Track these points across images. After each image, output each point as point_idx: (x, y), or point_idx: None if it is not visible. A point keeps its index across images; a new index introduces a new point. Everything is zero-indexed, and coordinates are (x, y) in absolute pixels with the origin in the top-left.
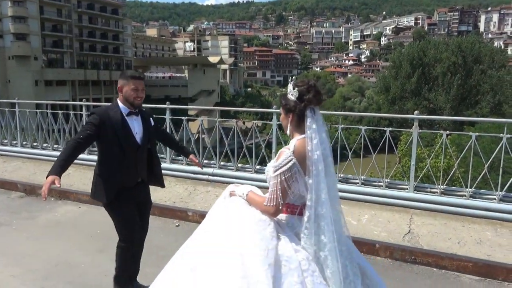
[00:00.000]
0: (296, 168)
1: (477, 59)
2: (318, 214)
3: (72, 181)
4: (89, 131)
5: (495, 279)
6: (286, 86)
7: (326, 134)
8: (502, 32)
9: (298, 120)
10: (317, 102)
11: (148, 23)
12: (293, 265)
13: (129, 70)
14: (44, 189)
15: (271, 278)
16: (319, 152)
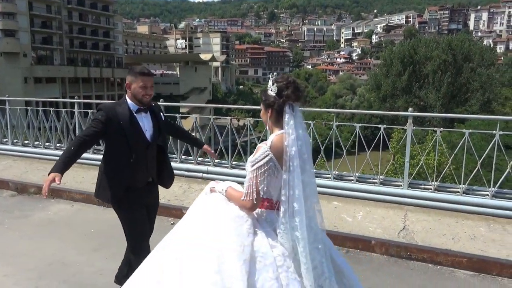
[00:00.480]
0: (273, 163)
1: (467, 57)
2: (293, 210)
3: (64, 180)
4: (95, 128)
5: (489, 274)
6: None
7: (304, 131)
8: (491, 30)
9: (277, 115)
10: (296, 98)
11: (139, 20)
12: (268, 261)
13: (138, 66)
14: (44, 187)
15: (245, 274)
16: (295, 148)
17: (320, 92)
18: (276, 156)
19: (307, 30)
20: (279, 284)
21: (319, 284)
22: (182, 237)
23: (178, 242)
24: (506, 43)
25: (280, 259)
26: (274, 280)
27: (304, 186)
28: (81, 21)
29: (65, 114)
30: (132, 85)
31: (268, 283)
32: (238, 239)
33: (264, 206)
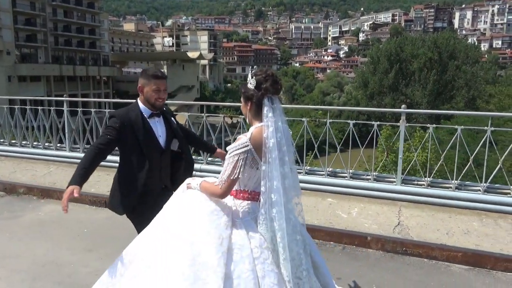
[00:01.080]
0: (251, 154)
1: (452, 55)
2: (271, 201)
3: (54, 179)
4: (110, 136)
5: (483, 267)
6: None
7: (284, 123)
8: (475, 29)
9: (256, 108)
10: (274, 91)
11: (125, 17)
12: (245, 252)
13: (150, 69)
14: (63, 200)
15: (223, 266)
16: (273, 140)
17: (308, 90)
18: (255, 147)
19: (294, 28)
20: (255, 275)
21: (297, 275)
22: (158, 233)
23: (154, 238)
24: (489, 41)
25: (257, 251)
26: (250, 272)
27: (283, 178)
28: (66, 18)
29: (54, 113)
30: (145, 88)
31: (244, 274)
32: (215, 232)
33: (245, 197)
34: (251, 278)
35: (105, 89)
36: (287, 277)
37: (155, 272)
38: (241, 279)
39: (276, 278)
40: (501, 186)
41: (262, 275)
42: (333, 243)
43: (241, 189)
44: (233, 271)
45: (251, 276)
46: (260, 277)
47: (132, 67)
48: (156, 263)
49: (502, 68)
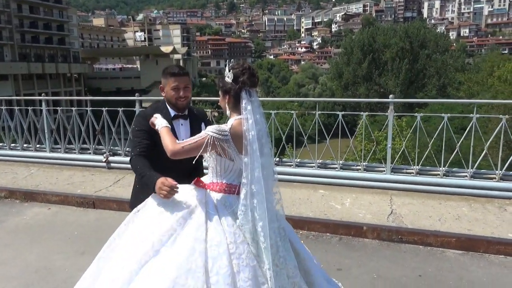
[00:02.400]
0: (227, 144)
1: (422, 44)
2: (252, 192)
3: (37, 182)
4: (144, 140)
5: (476, 251)
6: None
7: (261, 115)
8: (443, 18)
9: (234, 101)
10: (252, 84)
11: (94, 12)
12: (222, 248)
13: (169, 66)
14: (170, 191)
15: (202, 267)
16: (253, 132)
17: (283, 82)
18: (235, 139)
19: (267, 20)
20: (232, 271)
21: (275, 263)
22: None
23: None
24: (457, 30)
25: (232, 247)
26: (228, 267)
27: (263, 169)
28: (32, 14)
29: (32, 113)
30: (165, 88)
31: (222, 270)
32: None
33: (221, 190)
34: (228, 274)
35: (77, 86)
36: (268, 265)
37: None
38: (220, 275)
39: (251, 273)
40: (487, 172)
41: (237, 270)
42: (329, 235)
43: (218, 181)
44: (211, 268)
45: (228, 271)
46: (235, 272)
47: (103, 63)
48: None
49: (470, 56)
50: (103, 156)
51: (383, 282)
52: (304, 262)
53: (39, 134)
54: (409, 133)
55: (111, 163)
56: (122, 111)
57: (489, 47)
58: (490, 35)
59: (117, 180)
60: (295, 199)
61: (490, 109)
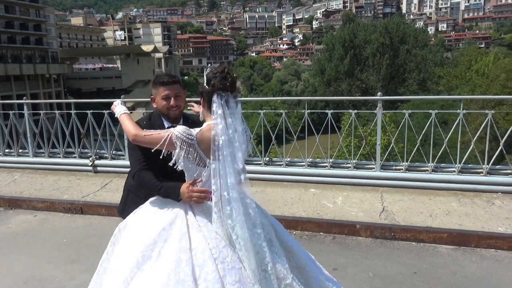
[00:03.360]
0: (193, 150)
1: (402, 40)
2: (225, 199)
3: (21, 188)
4: (142, 153)
5: (468, 246)
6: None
7: (236, 119)
8: (422, 13)
9: (208, 104)
10: (223, 88)
11: (72, 11)
12: (207, 254)
13: (159, 74)
14: (202, 195)
15: (191, 276)
16: (224, 137)
17: (266, 79)
18: (201, 144)
19: (248, 17)
20: (219, 275)
21: (262, 268)
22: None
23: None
24: (435, 25)
25: (215, 251)
26: (215, 272)
27: (237, 174)
28: (7, 14)
29: (13, 117)
30: (156, 98)
31: (210, 276)
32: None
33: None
34: (216, 279)
35: (56, 87)
36: (253, 272)
37: None
38: (208, 281)
39: (237, 275)
40: (474, 166)
41: (223, 275)
42: (323, 234)
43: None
44: (199, 275)
45: (216, 276)
46: (222, 277)
47: (83, 63)
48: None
49: (448, 51)
50: (89, 160)
51: (379, 280)
52: (297, 259)
53: (22, 139)
54: (397, 129)
55: (97, 167)
56: (108, 113)
57: (466, 41)
58: (467, 30)
59: (105, 184)
60: (287, 198)
61: (469, 102)
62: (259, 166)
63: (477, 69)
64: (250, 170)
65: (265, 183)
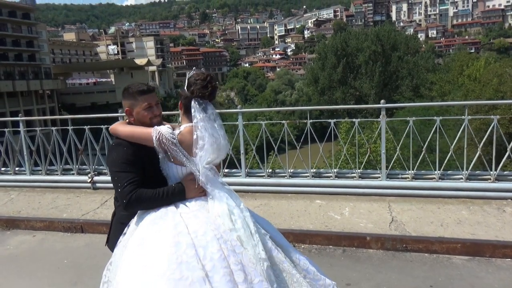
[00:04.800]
0: (174, 147)
1: (394, 47)
2: (210, 191)
3: (18, 207)
4: (137, 171)
5: (483, 256)
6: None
7: (212, 123)
8: (411, 20)
9: (185, 108)
10: (202, 94)
11: (64, 27)
12: (209, 236)
13: (131, 85)
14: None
15: (195, 256)
16: (202, 142)
17: (260, 90)
18: (183, 144)
19: (240, 29)
20: (224, 254)
21: (262, 249)
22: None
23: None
24: (425, 31)
25: (217, 233)
26: (220, 251)
27: (216, 174)
28: None
29: (8, 134)
30: (135, 110)
31: (216, 255)
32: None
33: (198, 194)
34: (223, 258)
35: (50, 103)
36: (253, 254)
37: None
38: (214, 260)
39: (239, 258)
40: (481, 173)
41: (227, 254)
42: (332, 247)
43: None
44: (204, 256)
45: (222, 255)
46: (227, 256)
47: (76, 78)
48: None
49: (439, 56)
50: (88, 177)
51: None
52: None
53: (18, 156)
54: (394, 136)
55: (96, 183)
56: (106, 128)
57: (456, 47)
58: (456, 35)
59: (105, 201)
60: (293, 211)
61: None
62: (262, 178)
63: (469, 74)
64: (253, 183)
65: (269, 196)
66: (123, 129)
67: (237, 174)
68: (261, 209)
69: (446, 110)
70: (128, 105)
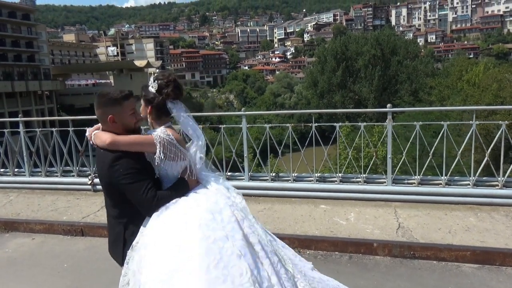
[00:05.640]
0: (174, 146)
1: (393, 51)
2: (205, 177)
3: (17, 209)
4: (147, 178)
5: (493, 265)
6: (217, 87)
7: (194, 122)
8: (411, 25)
9: (157, 112)
10: (175, 96)
11: (64, 28)
12: (222, 203)
13: (111, 92)
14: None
15: (213, 220)
16: (195, 135)
17: (259, 92)
18: (179, 142)
19: (240, 31)
20: (237, 219)
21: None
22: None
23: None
24: (425, 36)
25: (228, 201)
26: (233, 216)
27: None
28: None
29: (8, 135)
30: (119, 116)
31: (232, 218)
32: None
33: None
34: (237, 222)
35: (48, 104)
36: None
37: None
38: (232, 222)
39: (251, 222)
40: (489, 179)
41: (240, 219)
42: (338, 253)
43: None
44: (222, 220)
45: (236, 220)
46: (240, 220)
47: (76, 79)
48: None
49: (438, 61)
50: (88, 178)
51: None
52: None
53: (17, 157)
54: (402, 141)
55: (97, 186)
56: None
57: (455, 52)
58: (455, 41)
59: None
60: (297, 216)
61: (462, 112)
62: (266, 182)
63: (468, 79)
64: (256, 186)
65: (273, 200)
66: (124, 139)
67: (240, 178)
68: (264, 213)
69: (446, 115)
70: (112, 112)
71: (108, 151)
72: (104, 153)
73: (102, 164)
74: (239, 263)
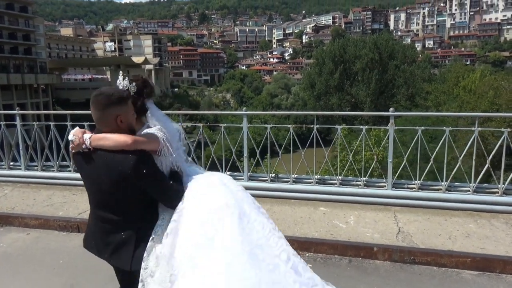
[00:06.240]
0: (169, 144)
1: (391, 55)
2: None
3: (12, 203)
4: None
5: (493, 272)
6: (214, 86)
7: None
8: (409, 30)
9: (138, 112)
10: (151, 95)
11: (62, 22)
12: (225, 179)
13: (115, 91)
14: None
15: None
16: (168, 136)
17: (256, 92)
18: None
19: (239, 31)
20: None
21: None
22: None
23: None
24: (422, 42)
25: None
26: (245, 193)
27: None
28: None
29: (4, 128)
30: (126, 116)
31: (240, 187)
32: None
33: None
34: (241, 188)
35: (44, 97)
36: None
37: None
38: (240, 191)
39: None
40: (489, 186)
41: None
42: (337, 257)
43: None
44: (231, 191)
45: (241, 187)
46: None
47: (72, 73)
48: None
49: (434, 67)
50: None
51: None
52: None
53: (13, 151)
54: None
55: None
56: None
57: (452, 58)
58: (453, 47)
59: None
60: (297, 218)
61: (458, 118)
62: (265, 183)
63: (464, 86)
64: (255, 187)
65: (272, 201)
66: (143, 139)
67: (239, 178)
68: None
69: (442, 120)
70: (121, 111)
71: (125, 152)
72: (116, 156)
73: (117, 167)
74: (259, 218)
